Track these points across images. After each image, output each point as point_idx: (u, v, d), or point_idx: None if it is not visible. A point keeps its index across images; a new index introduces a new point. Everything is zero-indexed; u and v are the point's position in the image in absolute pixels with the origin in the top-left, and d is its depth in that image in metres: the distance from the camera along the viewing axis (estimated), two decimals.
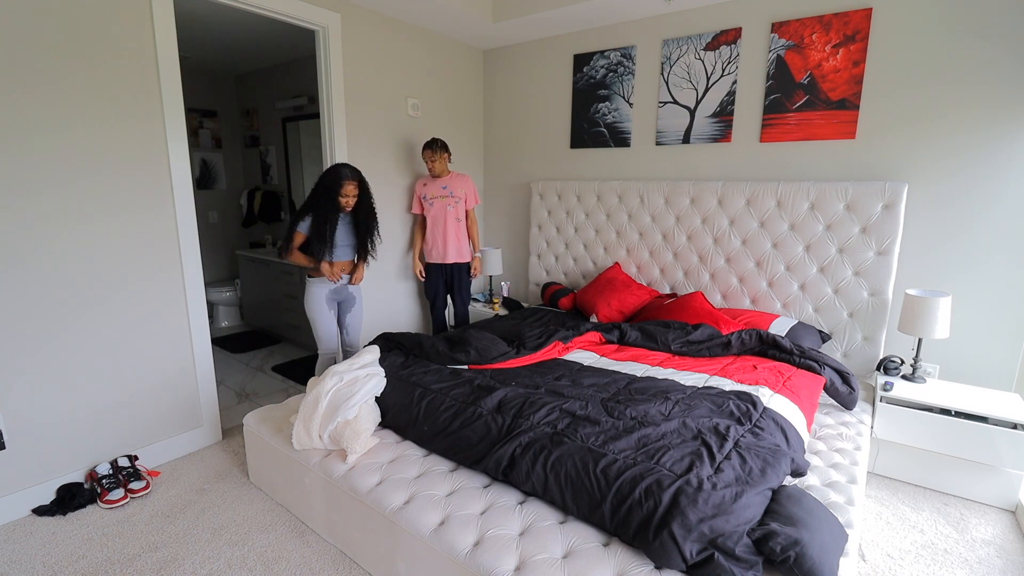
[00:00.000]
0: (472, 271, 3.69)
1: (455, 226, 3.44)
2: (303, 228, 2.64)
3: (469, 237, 3.60)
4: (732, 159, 3.08)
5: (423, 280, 3.61)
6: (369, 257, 2.86)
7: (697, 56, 3.10)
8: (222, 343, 4.46)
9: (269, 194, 5.08)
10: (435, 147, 3.28)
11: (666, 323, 2.79)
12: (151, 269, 2.43)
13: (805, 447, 1.91)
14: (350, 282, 2.85)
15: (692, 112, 3.17)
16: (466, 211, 3.52)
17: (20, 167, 2.02)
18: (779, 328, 2.68)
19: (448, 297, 3.65)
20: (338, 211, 2.64)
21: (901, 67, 2.53)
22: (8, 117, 1.97)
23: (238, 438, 2.79)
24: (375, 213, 2.79)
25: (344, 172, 2.61)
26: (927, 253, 2.59)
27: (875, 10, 2.56)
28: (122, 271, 2.34)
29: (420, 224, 3.57)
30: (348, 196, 2.63)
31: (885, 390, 2.38)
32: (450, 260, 3.47)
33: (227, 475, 2.46)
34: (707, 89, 3.09)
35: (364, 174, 3.39)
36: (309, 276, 2.75)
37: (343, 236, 2.73)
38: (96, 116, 2.19)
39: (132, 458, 2.40)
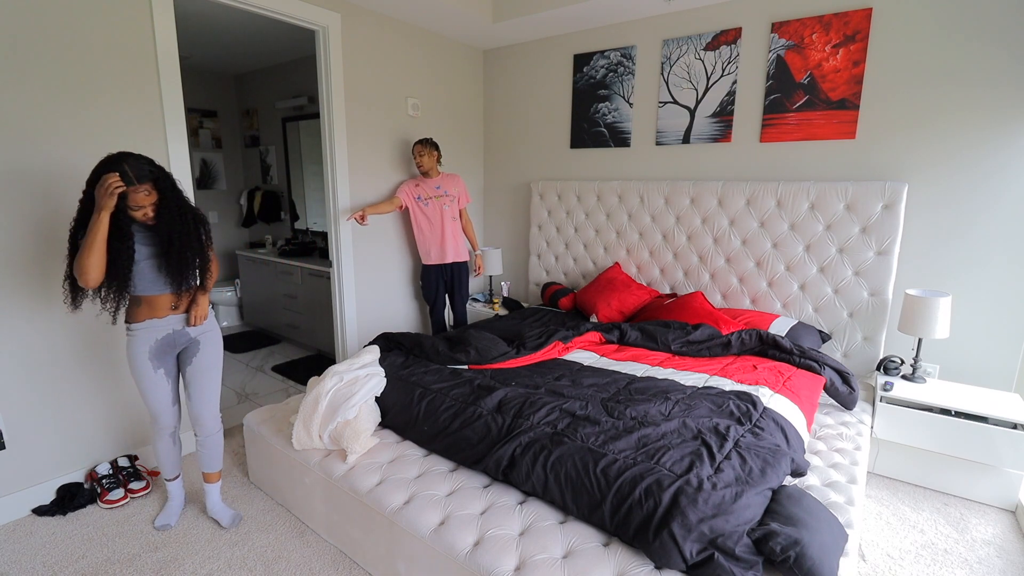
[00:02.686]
0: (476, 269, 3.71)
1: (452, 225, 3.45)
2: None
3: (466, 236, 3.61)
4: (732, 159, 3.08)
5: (362, 225, 3.17)
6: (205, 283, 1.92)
7: (697, 56, 3.09)
8: None
9: (269, 194, 5.09)
10: (427, 143, 3.31)
11: (666, 323, 2.79)
12: None
13: (805, 447, 1.91)
14: (188, 322, 1.93)
15: (692, 112, 3.17)
16: (459, 210, 3.52)
17: (20, 167, 2.02)
18: (779, 328, 2.68)
19: (447, 297, 3.65)
20: (130, 224, 1.74)
21: (901, 67, 2.53)
22: (8, 118, 1.97)
23: (238, 438, 2.79)
24: (199, 218, 1.86)
25: (122, 170, 1.65)
26: (927, 253, 2.59)
27: (875, 10, 2.55)
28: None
29: (390, 203, 3.30)
30: (143, 206, 1.72)
31: (885, 390, 2.38)
32: (449, 260, 3.47)
33: (227, 475, 2.46)
34: (707, 89, 3.09)
35: (364, 173, 3.41)
36: (128, 324, 1.87)
37: (150, 261, 1.80)
38: (96, 116, 2.19)
39: (132, 458, 2.40)
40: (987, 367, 2.51)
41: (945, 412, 2.28)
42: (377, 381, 2.14)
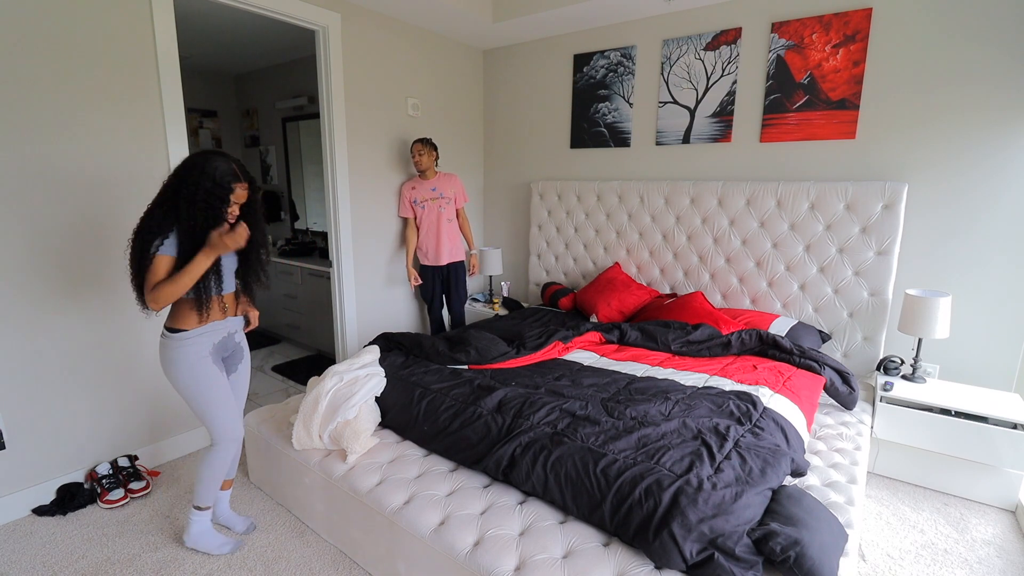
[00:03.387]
0: (470, 269, 3.70)
1: (448, 227, 3.46)
2: (168, 250, 1.64)
3: (463, 235, 3.62)
4: (732, 159, 3.08)
5: (418, 285, 3.53)
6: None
7: (697, 56, 3.09)
8: None
9: (269, 194, 5.09)
10: (425, 143, 3.32)
11: (666, 323, 2.79)
12: None
13: (805, 447, 1.91)
14: (248, 323, 1.99)
15: (692, 112, 3.17)
16: (456, 210, 3.52)
17: (19, 168, 2.02)
18: (779, 328, 2.68)
19: (444, 297, 3.64)
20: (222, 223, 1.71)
21: (901, 67, 2.53)
22: (7, 118, 1.97)
23: None
24: (265, 225, 1.91)
25: (231, 170, 1.68)
26: (927, 253, 2.59)
27: (875, 10, 2.55)
28: (123, 271, 2.33)
29: (411, 228, 3.49)
30: (238, 203, 1.74)
31: (885, 390, 2.38)
32: (444, 261, 3.47)
33: None
34: (707, 89, 3.09)
35: (364, 173, 3.42)
36: (173, 331, 1.74)
37: (226, 259, 1.83)
38: (96, 116, 2.19)
39: (132, 458, 2.40)
40: (987, 367, 2.51)
41: (945, 412, 2.28)
42: (377, 381, 2.14)
